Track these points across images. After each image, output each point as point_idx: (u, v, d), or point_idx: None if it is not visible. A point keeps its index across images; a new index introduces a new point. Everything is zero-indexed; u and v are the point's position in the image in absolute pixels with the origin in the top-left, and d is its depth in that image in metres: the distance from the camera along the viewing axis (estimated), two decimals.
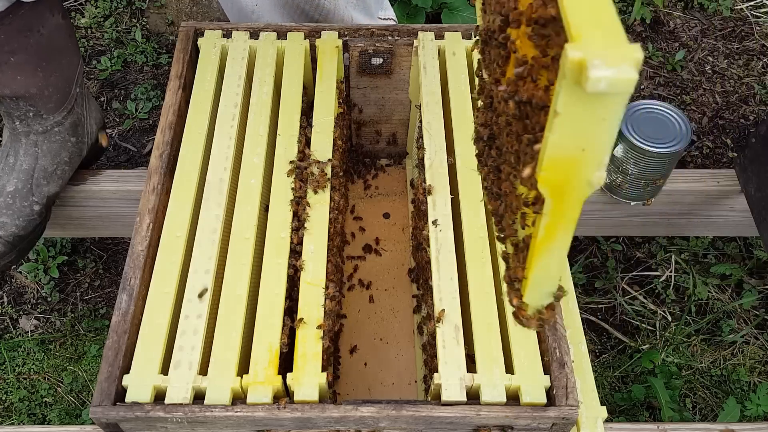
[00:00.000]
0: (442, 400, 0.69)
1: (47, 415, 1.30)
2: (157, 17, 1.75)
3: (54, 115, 1.10)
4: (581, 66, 0.37)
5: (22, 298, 1.43)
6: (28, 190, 1.09)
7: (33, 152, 1.10)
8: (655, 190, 1.26)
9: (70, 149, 1.14)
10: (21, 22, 0.99)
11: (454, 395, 0.69)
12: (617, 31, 0.38)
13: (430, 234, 0.81)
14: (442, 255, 0.79)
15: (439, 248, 0.80)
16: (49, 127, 1.10)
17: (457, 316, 0.75)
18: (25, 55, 1.01)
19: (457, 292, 0.77)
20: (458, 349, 0.72)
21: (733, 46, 1.73)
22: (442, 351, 0.72)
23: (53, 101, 1.09)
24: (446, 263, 0.79)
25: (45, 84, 1.06)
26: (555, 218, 0.46)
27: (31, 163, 1.09)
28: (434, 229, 0.82)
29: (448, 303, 0.76)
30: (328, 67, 0.96)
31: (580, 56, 0.37)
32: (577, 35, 0.38)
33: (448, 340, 0.73)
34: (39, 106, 1.07)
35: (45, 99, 1.07)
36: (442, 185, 0.85)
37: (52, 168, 1.12)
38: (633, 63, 0.37)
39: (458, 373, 0.70)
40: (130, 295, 0.75)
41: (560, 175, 0.43)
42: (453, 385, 0.70)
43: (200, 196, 0.84)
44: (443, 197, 0.84)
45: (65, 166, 1.14)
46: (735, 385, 1.34)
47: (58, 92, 1.09)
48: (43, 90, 1.06)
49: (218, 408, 0.68)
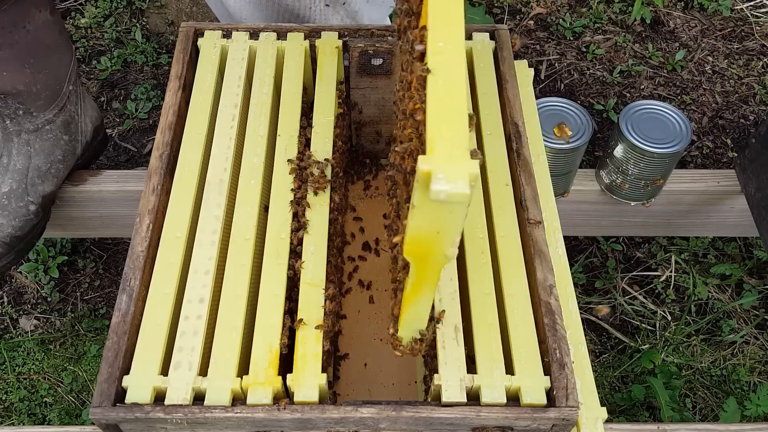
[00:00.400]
0: (442, 401, 0.69)
1: (47, 416, 1.31)
2: (157, 17, 1.75)
3: (44, 113, 1.09)
4: (428, 177, 0.44)
5: (22, 298, 1.43)
6: (23, 190, 1.08)
7: (26, 151, 1.09)
8: (655, 190, 1.27)
9: (64, 147, 1.14)
10: (5, 18, 0.98)
11: (454, 396, 0.69)
12: (463, 146, 0.47)
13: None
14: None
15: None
16: (40, 125, 1.09)
17: (457, 316, 0.75)
18: (10, 51, 1.00)
19: (457, 293, 0.77)
20: (458, 349, 0.72)
21: (733, 46, 1.73)
22: (441, 352, 0.72)
23: (42, 98, 1.08)
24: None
25: (33, 81, 1.05)
26: (418, 279, 0.55)
27: (25, 162, 1.08)
28: None
29: (448, 303, 0.75)
30: (328, 67, 0.96)
31: (427, 169, 0.45)
32: (429, 148, 0.47)
33: (448, 340, 0.73)
34: (28, 103, 1.07)
35: (33, 96, 1.07)
36: None
37: (46, 167, 1.11)
38: (468, 179, 0.44)
39: (458, 374, 0.70)
40: (129, 296, 0.75)
41: (421, 249, 0.51)
42: (453, 386, 0.70)
43: (200, 196, 0.84)
44: None
45: (59, 164, 1.14)
46: (735, 385, 1.34)
47: (48, 89, 1.08)
48: (30, 87, 1.05)
49: (218, 409, 0.68)
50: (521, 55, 1.70)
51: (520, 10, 1.79)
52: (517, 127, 0.89)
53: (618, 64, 1.68)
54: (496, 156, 0.88)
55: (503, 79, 0.94)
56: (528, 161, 0.86)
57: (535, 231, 0.80)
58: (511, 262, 0.79)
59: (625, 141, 1.19)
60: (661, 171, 1.21)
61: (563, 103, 1.24)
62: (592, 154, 1.54)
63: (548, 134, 1.20)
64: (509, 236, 0.81)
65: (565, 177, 1.25)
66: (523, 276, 0.78)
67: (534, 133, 0.97)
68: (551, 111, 1.24)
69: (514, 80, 0.94)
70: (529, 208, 0.82)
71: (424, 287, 0.56)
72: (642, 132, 1.19)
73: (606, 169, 1.26)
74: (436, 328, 0.74)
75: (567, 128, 1.20)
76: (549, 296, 0.75)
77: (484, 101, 0.93)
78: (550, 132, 1.20)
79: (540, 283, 0.76)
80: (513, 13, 1.79)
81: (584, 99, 1.63)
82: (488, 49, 0.97)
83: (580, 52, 1.71)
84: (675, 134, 1.20)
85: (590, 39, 1.73)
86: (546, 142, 1.17)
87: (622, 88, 1.65)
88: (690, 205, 1.32)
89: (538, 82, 1.66)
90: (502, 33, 0.98)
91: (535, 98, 1.01)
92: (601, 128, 1.59)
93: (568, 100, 1.25)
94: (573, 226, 1.38)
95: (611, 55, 1.71)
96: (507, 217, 0.83)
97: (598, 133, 1.57)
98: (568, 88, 1.65)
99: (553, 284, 0.76)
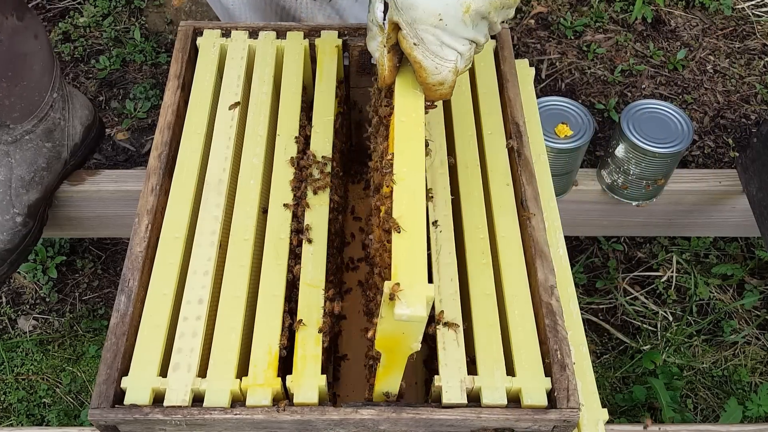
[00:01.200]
0: (442, 402, 0.69)
1: (46, 416, 1.30)
2: (155, 16, 1.75)
3: (22, 125, 1.05)
4: (392, 299, 0.57)
5: (20, 299, 1.43)
6: (7, 202, 1.05)
7: (6, 162, 1.06)
8: (656, 190, 1.26)
9: (47, 155, 1.11)
10: None
11: (455, 397, 0.69)
12: (422, 275, 0.60)
13: (430, 235, 0.81)
14: (442, 256, 0.79)
15: (439, 249, 0.79)
16: (19, 136, 1.06)
17: (457, 317, 0.74)
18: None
19: (457, 294, 0.76)
20: (459, 351, 0.72)
21: (735, 45, 1.72)
22: (442, 353, 0.72)
23: (18, 110, 1.04)
24: (446, 264, 0.78)
25: (7, 94, 1.01)
26: (388, 364, 0.66)
27: (6, 173, 1.05)
28: (434, 229, 0.81)
29: (448, 304, 0.75)
30: (328, 66, 0.96)
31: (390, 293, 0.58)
32: (394, 275, 0.59)
33: (449, 342, 0.72)
34: (2, 116, 1.03)
35: (8, 109, 1.03)
36: (442, 186, 0.85)
37: (29, 176, 1.09)
38: (425, 302, 0.57)
39: (459, 376, 0.70)
40: (128, 297, 0.74)
41: (389, 343, 0.63)
42: (453, 388, 0.69)
43: (199, 196, 0.83)
44: (443, 198, 0.84)
45: (43, 172, 1.11)
46: (736, 385, 1.34)
47: (24, 101, 1.04)
48: (3, 100, 1.01)
49: (217, 410, 0.68)
50: (522, 54, 1.69)
51: (521, 9, 1.78)
52: (518, 127, 0.88)
53: (619, 64, 1.68)
54: (497, 155, 0.87)
55: (504, 79, 0.93)
56: (529, 161, 0.85)
57: (536, 231, 0.80)
58: (512, 263, 0.79)
59: (627, 140, 1.18)
60: (663, 171, 1.21)
61: (564, 103, 1.24)
62: (593, 154, 1.54)
63: (549, 134, 1.20)
64: (510, 236, 0.81)
65: (566, 177, 1.25)
66: (523, 276, 0.78)
67: (535, 133, 0.96)
68: (552, 110, 1.23)
69: (515, 79, 0.93)
70: (530, 208, 0.82)
71: (393, 369, 0.67)
72: (643, 131, 1.19)
73: (607, 168, 1.25)
74: (437, 329, 0.74)
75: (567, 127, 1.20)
76: (550, 297, 0.75)
77: (485, 100, 0.92)
78: (551, 131, 1.20)
79: (541, 283, 0.76)
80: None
81: (585, 98, 1.63)
82: (489, 48, 0.97)
83: (581, 51, 1.71)
84: (676, 134, 1.19)
85: (591, 38, 1.73)
86: (547, 141, 1.17)
87: (623, 87, 1.65)
88: (691, 205, 1.31)
89: (539, 81, 1.66)
90: (502, 32, 0.98)
91: (536, 97, 1.01)
92: (602, 128, 1.58)
93: (569, 99, 1.24)
94: (574, 226, 1.37)
95: (612, 54, 1.71)
96: (508, 217, 0.82)
97: (599, 132, 1.57)
98: (569, 87, 1.65)
99: (554, 285, 0.76)
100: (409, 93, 0.74)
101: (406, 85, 0.74)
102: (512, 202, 0.83)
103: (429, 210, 0.83)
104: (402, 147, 0.70)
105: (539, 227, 0.80)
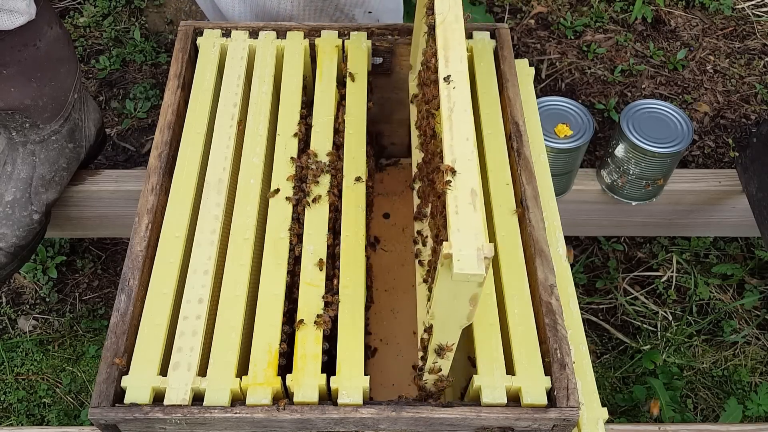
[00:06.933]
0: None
1: (46, 416, 1.30)
2: (156, 16, 1.75)
3: (50, 125, 1.08)
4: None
5: (20, 299, 1.43)
6: (27, 199, 1.07)
7: (30, 161, 1.08)
8: (656, 190, 1.26)
9: (68, 155, 1.13)
10: (15, 38, 0.97)
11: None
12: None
13: (441, 92, 0.68)
14: (456, 114, 0.65)
15: (452, 107, 0.66)
16: (46, 136, 1.08)
17: None
18: (18, 67, 0.99)
19: (473, 153, 0.65)
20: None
21: (735, 45, 1.72)
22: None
23: (49, 111, 1.07)
24: (460, 122, 0.65)
25: (39, 95, 1.04)
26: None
27: (29, 171, 1.07)
28: (446, 86, 0.68)
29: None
30: (328, 66, 0.96)
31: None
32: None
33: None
34: (34, 117, 1.05)
35: (40, 109, 1.05)
36: (457, 40, 0.71)
37: (50, 175, 1.10)
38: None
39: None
40: (128, 296, 0.74)
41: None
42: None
43: (199, 196, 0.83)
44: (459, 53, 0.70)
45: (63, 172, 1.13)
46: (736, 385, 1.34)
47: (54, 102, 1.07)
48: (37, 101, 1.04)
49: (217, 409, 0.68)
50: (522, 54, 1.69)
51: (521, 9, 1.78)
52: (518, 127, 0.88)
53: (619, 63, 1.68)
54: (497, 155, 0.88)
55: (504, 78, 0.93)
56: (529, 160, 0.85)
57: (535, 230, 0.80)
58: (512, 262, 0.79)
59: (626, 140, 1.19)
60: (662, 171, 1.21)
61: (564, 103, 1.24)
62: (593, 154, 1.54)
63: (549, 134, 1.20)
64: (510, 236, 0.81)
65: (566, 176, 1.25)
66: (523, 276, 0.78)
67: (535, 133, 0.96)
68: (552, 110, 1.23)
69: (515, 79, 0.93)
70: (530, 207, 0.82)
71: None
72: (643, 131, 1.19)
73: (607, 168, 1.25)
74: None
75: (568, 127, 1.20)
76: (550, 296, 0.75)
77: (485, 100, 0.92)
78: (551, 131, 1.20)
79: (541, 282, 0.76)
80: (514, 12, 1.78)
81: (585, 98, 1.63)
82: (489, 48, 0.97)
83: (581, 51, 1.71)
84: (676, 134, 1.19)
85: (591, 38, 1.73)
86: (547, 141, 1.17)
87: (623, 87, 1.65)
88: (691, 204, 1.31)
89: (539, 81, 1.66)
90: (502, 32, 0.98)
91: (535, 97, 1.01)
92: (602, 127, 1.58)
93: (569, 99, 1.24)
94: (574, 225, 1.37)
95: (612, 54, 1.71)
96: (507, 217, 0.82)
97: (599, 132, 1.56)
98: (569, 87, 1.65)
99: (554, 284, 0.76)
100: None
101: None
102: (512, 202, 0.83)
103: (440, 66, 0.75)
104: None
105: (539, 226, 0.80)
